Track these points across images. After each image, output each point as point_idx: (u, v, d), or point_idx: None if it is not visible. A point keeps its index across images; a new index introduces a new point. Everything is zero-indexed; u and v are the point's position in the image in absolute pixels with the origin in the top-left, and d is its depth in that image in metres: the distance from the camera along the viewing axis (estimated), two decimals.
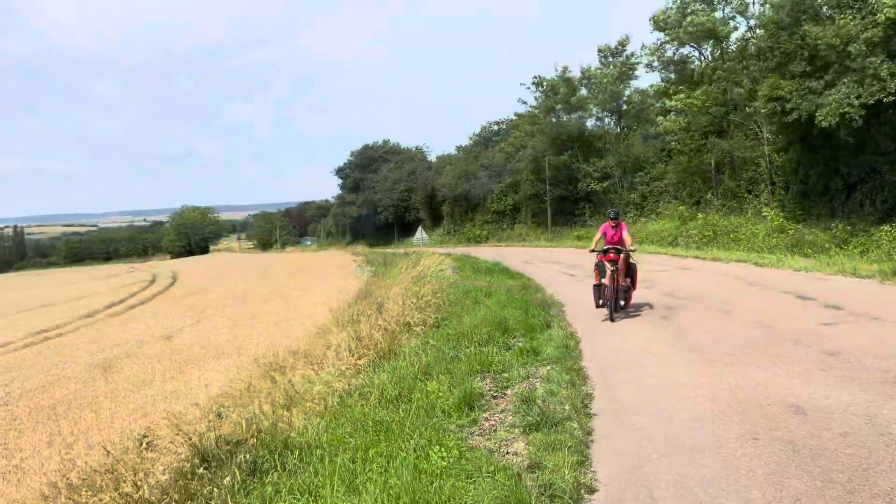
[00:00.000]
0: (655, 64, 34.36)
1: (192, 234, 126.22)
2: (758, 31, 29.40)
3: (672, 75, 34.81)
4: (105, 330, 24.33)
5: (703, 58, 32.86)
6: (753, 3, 30.56)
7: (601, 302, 11.29)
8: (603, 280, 11.17)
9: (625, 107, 43.61)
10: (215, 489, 4.86)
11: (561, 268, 21.39)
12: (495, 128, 66.33)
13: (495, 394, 7.07)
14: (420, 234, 46.42)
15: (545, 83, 44.34)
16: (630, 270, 11.34)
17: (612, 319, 10.76)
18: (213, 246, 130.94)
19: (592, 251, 11.73)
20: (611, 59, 42.41)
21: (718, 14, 31.17)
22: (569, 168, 43.03)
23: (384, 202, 71.46)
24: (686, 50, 33.13)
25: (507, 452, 5.31)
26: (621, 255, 11.07)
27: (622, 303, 11.33)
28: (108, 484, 5.18)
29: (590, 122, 45.53)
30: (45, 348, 21.52)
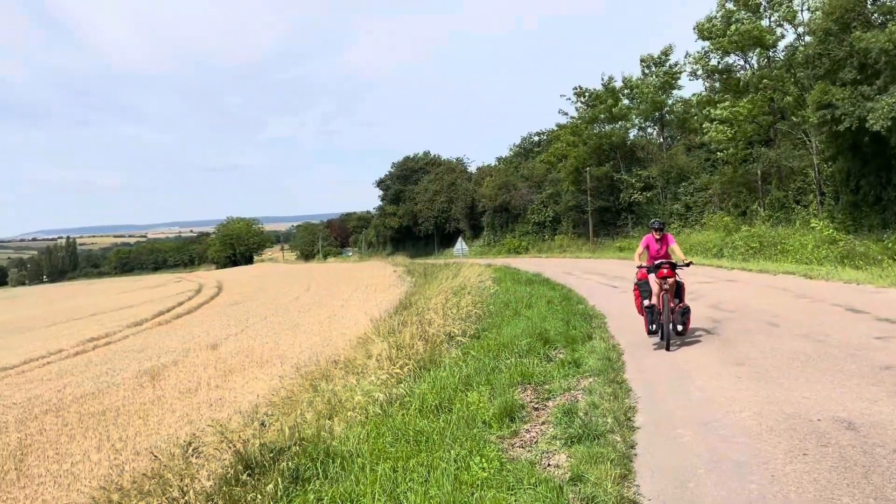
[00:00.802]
0: (700, 72, 33.91)
1: (237, 245, 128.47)
2: (806, 38, 28.81)
3: (717, 84, 34.31)
4: (153, 338, 24.90)
5: (749, 66, 32.31)
6: (802, 11, 29.97)
7: (654, 327, 9.82)
8: (648, 301, 9.92)
9: (668, 116, 43.11)
10: (258, 496, 4.92)
11: (602, 279, 21.18)
12: (536, 138, 66.18)
13: (536, 405, 7.03)
14: (460, 245, 46.48)
15: (587, 93, 44.11)
16: (678, 288, 9.89)
17: (667, 348, 9.31)
18: (257, 256, 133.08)
19: (639, 267, 10.22)
20: (653, 69, 42.03)
21: (765, 22, 30.63)
22: (610, 178, 42.64)
23: (424, 213, 71.80)
24: (731, 58, 32.63)
25: (549, 465, 5.27)
26: (676, 272, 9.78)
27: (680, 327, 9.72)
28: (155, 489, 5.30)
29: (632, 132, 45.13)
30: (96, 356, 22.13)
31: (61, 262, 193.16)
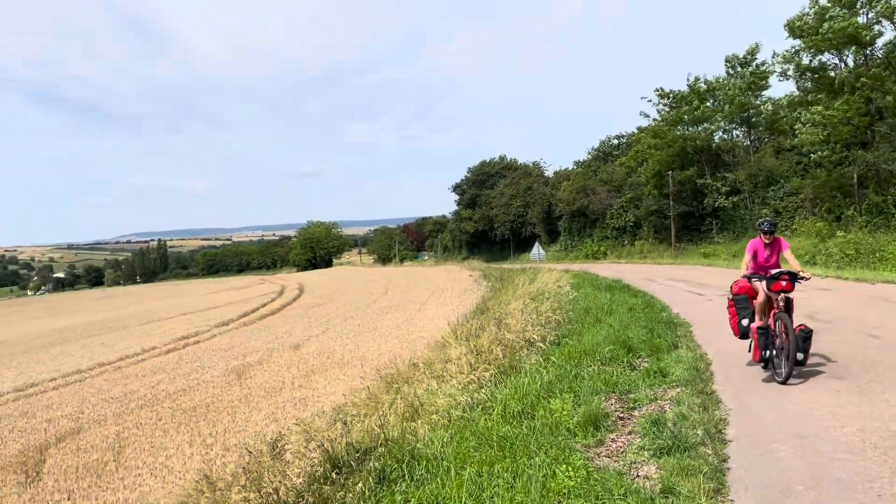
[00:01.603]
0: (791, 72, 32.47)
1: (317, 248, 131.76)
2: None
3: (809, 84, 32.80)
4: (238, 338, 25.81)
5: (844, 65, 30.73)
6: None
7: (767, 354, 7.94)
8: (760, 322, 8.23)
9: (754, 118, 41.50)
10: (347, 494, 5.02)
11: (686, 286, 20.58)
12: (615, 142, 64.99)
13: (621, 414, 6.89)
14: (536, 249, 46.09)
15: (671, 95, 43.00)
16: (788, 306, 8.06)
17: (784, 382, 7.45)
18: (336, 259, 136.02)
19: (747, 277, 8.55)
20: (738, 69, 40.57)
21: (861, 19, 29.07)
22: (694, 183, 41.41)
23: (500, 218, 71.69)
24: (825, 57, 31.12)
25: (638, 475, 5.15)
26: (794, 285, 7.98)
27: (800, 356, 7.58)
28: (249, 484, 5.49)
29: (717, 135, 43.65)
30: (186, 354, 23.12)
31: (153, 263, 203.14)
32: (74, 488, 9.78)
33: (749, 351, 8.59)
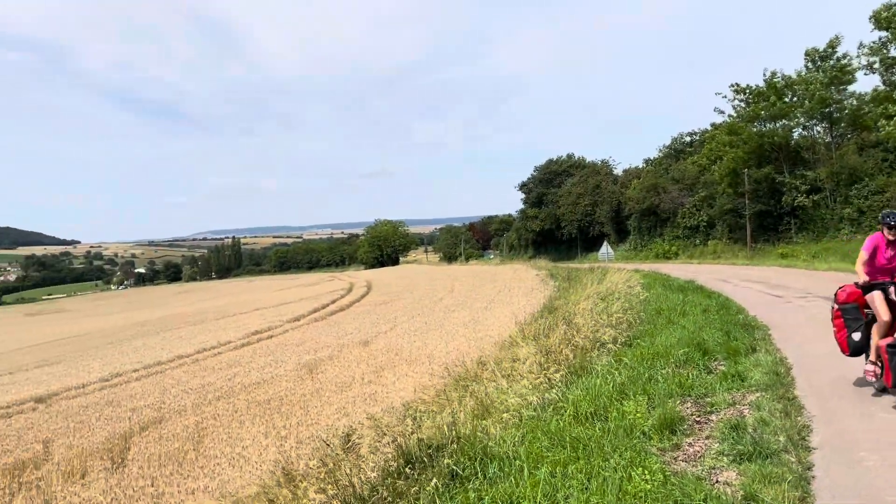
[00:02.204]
0: (877, 65, 30.94)
1: (384, 247, 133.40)
2: None
3: (895, 77, 31.18)
4: (310, 333, 26.38)
5: None
6: None
7: None
8: (857, 336, 7.12)
9: (836, 114, 39.69)
10: (422, 490, 5.08)
11: (764, 288, 19.89)
12: (687, 139, 63.34)
13: (698, 418, 6.73)
14: (605, 248, 45.40)
15: (747, 90, 41.59)
16: None
17: None
18: (403, 257, 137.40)
19: (868, 286, 7.06)
20: (819, 63, 38.89)
21: None
22: (771, 181, 39.94)
23: (567, 216, 70.91)
24: None
25: (717, 481, 5.03)
26: None
27: None
28: (326, 476, 5.62)
29: (796, 132, 41.97)
30: (260, 348, 23.79)
31: (227, 259, 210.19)
32: (157, 475, 10.18)
33: (877, 376, 7.02)
